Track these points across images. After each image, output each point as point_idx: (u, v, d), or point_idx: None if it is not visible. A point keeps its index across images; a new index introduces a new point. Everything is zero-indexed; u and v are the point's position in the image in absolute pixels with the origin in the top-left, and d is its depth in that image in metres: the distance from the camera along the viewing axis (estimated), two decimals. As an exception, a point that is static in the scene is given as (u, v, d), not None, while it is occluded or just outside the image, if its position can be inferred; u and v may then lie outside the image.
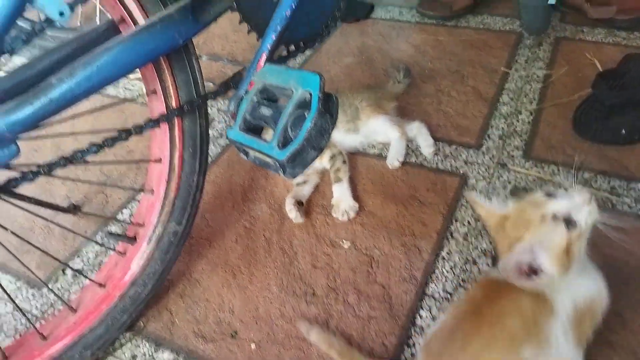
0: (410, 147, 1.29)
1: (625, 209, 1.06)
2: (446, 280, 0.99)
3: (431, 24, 1.80)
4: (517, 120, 1.33)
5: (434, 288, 0.98)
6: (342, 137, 1.27)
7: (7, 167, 0.73)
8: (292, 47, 0.99)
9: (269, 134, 0.77)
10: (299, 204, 1.16)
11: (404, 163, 1.24)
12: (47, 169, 0.75)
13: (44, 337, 0.89)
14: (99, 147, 0.78)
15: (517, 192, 1.14)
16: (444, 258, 1.03)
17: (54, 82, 0.69)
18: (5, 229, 0.81)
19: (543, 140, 1.26)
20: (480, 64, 1.55)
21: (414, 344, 0.90)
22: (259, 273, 1.06)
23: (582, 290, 0.74)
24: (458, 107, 1.41)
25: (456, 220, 1.10)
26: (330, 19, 1.01)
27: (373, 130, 1.29)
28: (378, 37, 1.77)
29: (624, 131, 1.22)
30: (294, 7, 0.85)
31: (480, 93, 1.44)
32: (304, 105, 0.72)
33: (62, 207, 1.22)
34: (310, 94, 0.71)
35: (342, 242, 1.09)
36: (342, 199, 1.15)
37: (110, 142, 0.79)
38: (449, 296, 0.96)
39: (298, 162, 0.71)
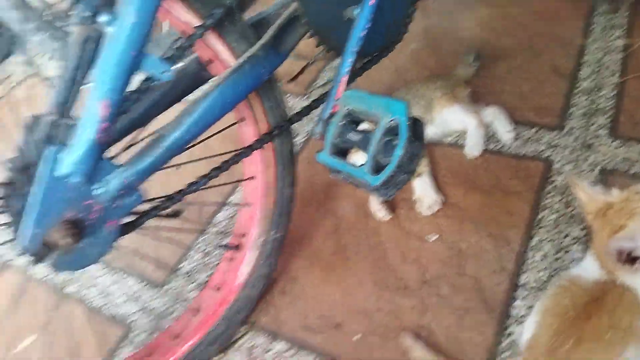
0: (488, 133, 1.29)
1: None
2: (539, 270, 1.02)
3: (496, -4, 1.73)
4: (600, 96, 1.29)
5: (527, 278, 1.01)
6: (419, 129, 1.30)
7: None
8: (368, 59, 1.03)
9: (357, 155, 0.83)
10: (384, 201, 1.22)
11: (482, 150, 1.26)
12: (170, 203, 0.86)
13: (175, 337, 1.03)
14: (208, 179, 0.88)
15: (605, 175, 1.13)
16: (534, 248, 1.06)
17: (165, 134, 0.79)
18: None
19: (629, 117, 1.22)
20: (554, 37, 1.50)
21: (509, 334, 0.95)
22: (352, 269, 1.14)
23: None
24: (535, 86, 1.38)
25: (545, 208, 1.11)
26: (403, 25, 1.03)
27: (449, 120, 1.30)
28: (442, 16, 1.73)
29: None
30: (367, 27, 0.88)
31: (558, 69, 1.40)
32: (393, 131, 0.76)
33: (167, 215, 1.36)
34: (398, 121, 0.75)
35: (430, 236, 1.15)
36: (425, 193, 1.19)
37: (215, 173, 0.89)
38: (542, 284, 0.99)
39: (391, 185, 0.76)
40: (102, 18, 0.70)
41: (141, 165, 0.79)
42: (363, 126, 0.88)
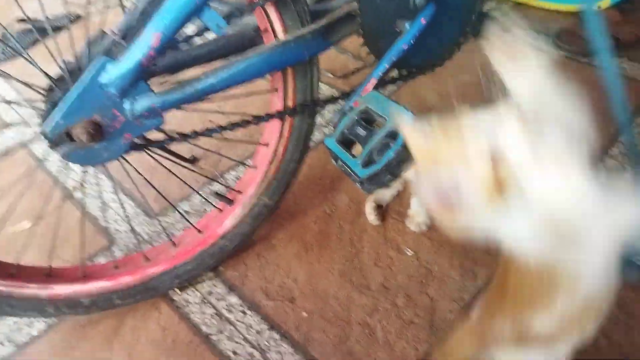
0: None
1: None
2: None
3: (564, 56, 1.76)
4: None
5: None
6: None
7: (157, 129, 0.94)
8: (404, 72, 1.09)
9: (357, 150, 0.89)
10: (378, 207, 1.28)
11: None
12: (182, 139, 0.95)
13: (147, 259, 1.12)
14: (223, 129, 0.96)
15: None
16: (494, 291, 1.10)
17: (202, 77, 0.87)
18: (138, 171, 1.03)
19: None
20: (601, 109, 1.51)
21: None
22: (327, 255, 1.21)
23: None
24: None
25: (518, 260, 1.15)
26: (449, 50, 1.09)
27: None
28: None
29: None
30: (412, 42, 0.95)
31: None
32: (393, 135, 0.83)
33: (184, 157, 1.45)
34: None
35: (407, 250, 1.20)
36: (419, 212, 1.25)
37: (231, 126, 0.97)
38: (487, 327, 1.04)
39: (374, 181, 0.83)
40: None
41: (171, 96, 0.88)
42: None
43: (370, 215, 1.26)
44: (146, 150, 1.00)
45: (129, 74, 0.83)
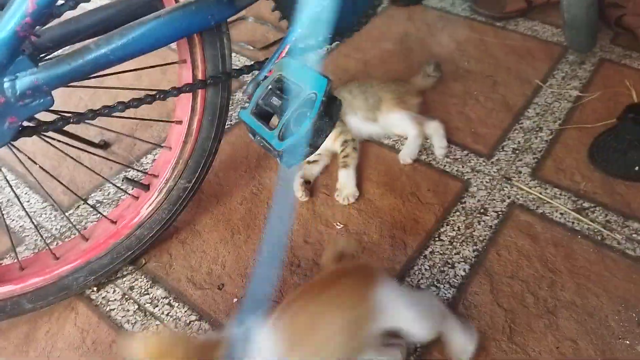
0: (424, 145, 1.33)
1: (613, 244, 1.09)
2: (422, 277, 1.06)
3: (480, 22, 1.78)
4: (536, 137, 1.35)
5: (408, 281, 1.05)
6: (360, 124, 1.32)
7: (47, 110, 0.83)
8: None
9: (276, 123, 0.84)
10: (306, 182, 1.23)
11: (414, 159, 1.29)
12: (77, 120, 0.85)
13: (56, 258, 1.02)
14: (125, 106, 0.87)
15: (513, 208, 1.18)
16: (425, 256, 1.10)
17: (92, 47, 0.78)
18: (34, 161, 0.92)
19: (555, 162, 1.28)
20: (517, 73, 1.55)
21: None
22: (255, 236, 1.16)
23: None
24: (481, 114, 1.43)
25: (447, 224, 1.16)
26: (364, 15, 1.05)
27: (392, 123, 1.34)
28: (423, 26, 1.78)
29: (637, 168, 1.23)
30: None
31: (508, 103, 1.45)
32: (309, 104, 0.78)
33: (93, 142, 1.34)
34: (316, 95, 0.77)
35: (337, 224, 1.17)
36: (346, 185, 1.22)
37: (135, 103, 0.88)
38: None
39: (293, 154, 0.78)
40: None
41: (56, 70, 0.78)
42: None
43: (298, 192, 1.22)
44: (41, 136, 0.89)
45: (4, 45, 0.72)
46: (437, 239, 1.13)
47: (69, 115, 0.86)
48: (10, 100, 0.76)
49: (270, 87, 0.86)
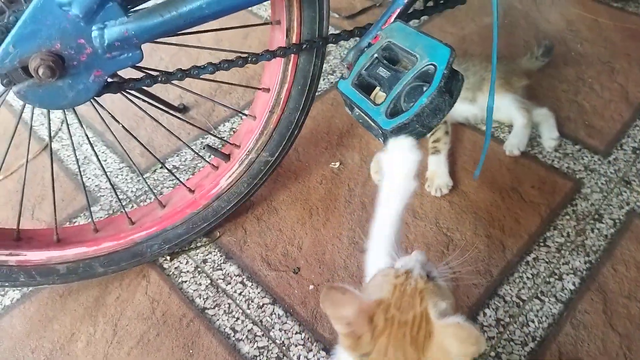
0: (531, 134, 1.18)
1: None
2: (523, 287, 0.93)
3: (594, 0, 1.57)
4: (661, 136, 1.16)
5: (508, 290, 0.93)
6: (456, 105, 1.19)
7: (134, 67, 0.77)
8: (431, 3, 0.91)
9: (379, 96, 0.73)
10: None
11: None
12: (165, 79, 0.78)
13: (132, 222, 0.98)
14: (215, 68, 0.79)
15: (632, 217, 1.02)
16: (528, 263, 0.97)
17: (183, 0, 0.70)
18: (116, 120, 0.87)
19: (684, 167, 1.10)
20: (638, 62, 1.35)
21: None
22: (335, 220, 1.07)
23: None
24: (597, 104, 1.25)
25: (555, 228, 1.01)
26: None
27: (495, 107, 1.19)
28: (529, 1, 1.59)
29: None
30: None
31: (627, 94, 1.27)
32: (426, 77, 0.67)
33: (173, 105, 1.29)
34: (435, 67, 0.65)
35: (425, 214, 1.06)
36: (437, 173, 1.10)
37: (226, 65, 0.80)
38: (521, 303, 0.91)
39: (402, 135, 0.67)
40: None
41: (148, 21, 0.70)
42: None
43: (377, 174, 1.11)
44: (124, 93, 0.83)
45: (94, -9, 0.66)
46: (542, 244, 0.99)
47: (157, 74, 0.79)
48: (97, 51, 0.70)
49: (376, 55, 0.75)
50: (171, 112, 1.03)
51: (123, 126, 0.89)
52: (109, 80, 0.77)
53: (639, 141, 1.16)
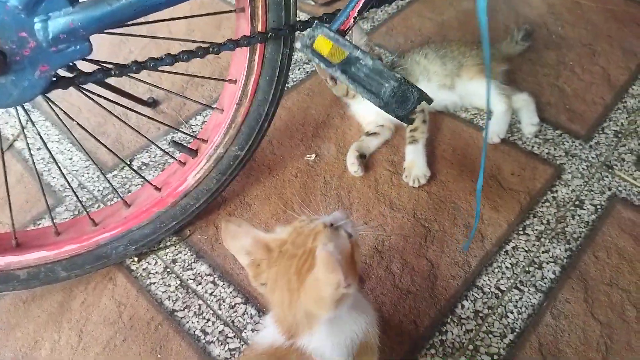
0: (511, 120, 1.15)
1: None
2: (502, 277, 0.91)
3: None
4: (642, 119, 1.14)
5: (486, 281, 0.91)
6: (433, 92, 1.15)
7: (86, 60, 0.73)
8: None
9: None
10: (361, 156, 1.09)
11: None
12: (119, 72, 0.73)
13: (95, 224, 0.93)
14: (173, 59, 0.75)
15: (613, 202, 0.99)
16: (507, 252, 0.94)
17: (135, -15, 0.65)
18: (70, 117, 0.82)
19: (666, 150, 1.08)
20: (620, 43, 1.32)
21: (446, 332, 0.85)
22: (310, 213, 1.03)
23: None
24: (578, 88, 1.22)
25: (534, 216, 0.99)
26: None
27: (473, 93, 1.16)
28: (509, -17, 1.55)
29: None
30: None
31: (609, 77, 1.24)
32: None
33: (142, 100, 1.24)
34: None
35: (403, 206, 1.03)
36: (415, 163, 1.06)
37: (185, 56, 0.75)
38: (500, 294, 0.89)
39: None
40: None
41: (95, 11, 0.66)
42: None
43: (353, 166, 1.08)
44: (80, 89, 0.78)
45: (34, -21, 0.61)
46: (521, 232, 0.97)
47: (111, 66, 0.74)
48: (41, 44, 0.66)
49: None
50: (135, 110, 0.97)
51: (78, 123, 0.84)
52: (61, 75, 0.72)
53: (620, 125, 1.14)
